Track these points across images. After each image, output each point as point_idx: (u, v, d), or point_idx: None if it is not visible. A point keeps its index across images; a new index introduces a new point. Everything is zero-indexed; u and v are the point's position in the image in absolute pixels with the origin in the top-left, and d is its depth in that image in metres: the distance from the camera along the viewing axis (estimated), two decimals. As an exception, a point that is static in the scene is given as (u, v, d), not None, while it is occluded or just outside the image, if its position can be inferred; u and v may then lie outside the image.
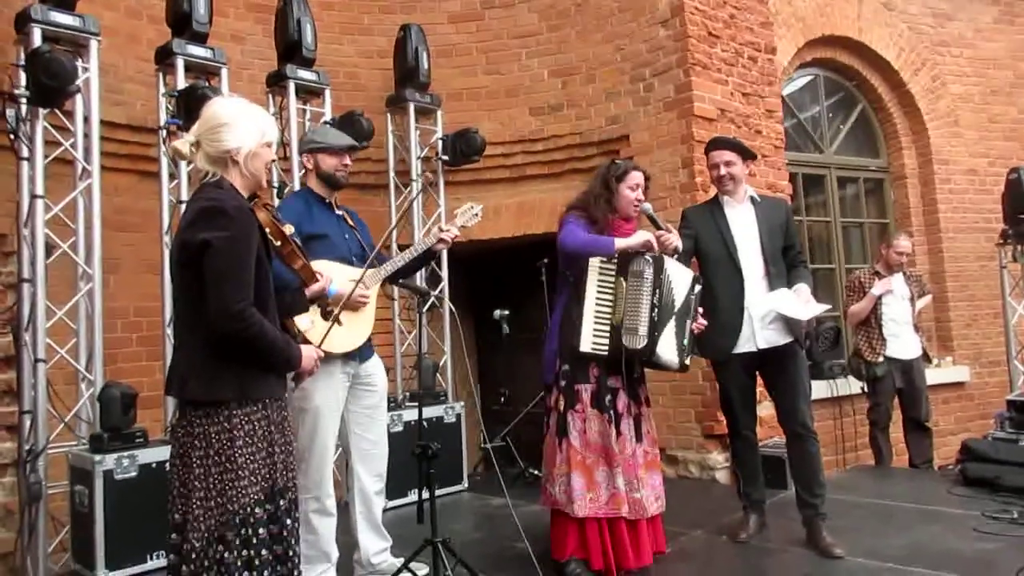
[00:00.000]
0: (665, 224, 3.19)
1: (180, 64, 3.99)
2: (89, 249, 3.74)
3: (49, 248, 3.60)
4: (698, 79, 4.84)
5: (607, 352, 2.98)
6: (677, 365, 3.02)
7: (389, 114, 5.27)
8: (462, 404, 4.97)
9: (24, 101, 3.45)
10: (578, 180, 5.20)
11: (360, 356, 3.03)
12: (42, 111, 3.56)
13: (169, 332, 3.86)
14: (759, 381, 3.54)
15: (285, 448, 2.08)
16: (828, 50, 6.37)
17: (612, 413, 3.00)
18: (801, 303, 3.31)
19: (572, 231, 3.08)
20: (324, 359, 2.35)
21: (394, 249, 4.16)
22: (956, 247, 6.62)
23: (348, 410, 3.05)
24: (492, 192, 5.49)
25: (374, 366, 3.14)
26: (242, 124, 2.06)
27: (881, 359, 4.99)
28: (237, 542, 1.92)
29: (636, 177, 3.17)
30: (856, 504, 4.01)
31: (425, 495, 2.89)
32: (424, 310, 3.26)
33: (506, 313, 4.89)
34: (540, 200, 5.45)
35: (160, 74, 4.10)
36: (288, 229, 2.19)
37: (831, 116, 6.62)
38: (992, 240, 6.05)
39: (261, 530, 1.96)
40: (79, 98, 3.69)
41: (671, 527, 3.38)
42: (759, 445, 3.65)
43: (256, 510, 1.95)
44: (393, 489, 4.01)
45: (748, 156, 3.53)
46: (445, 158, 5.23)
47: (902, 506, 3.96)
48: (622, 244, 3.00)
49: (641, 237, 3.03)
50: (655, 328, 2.93)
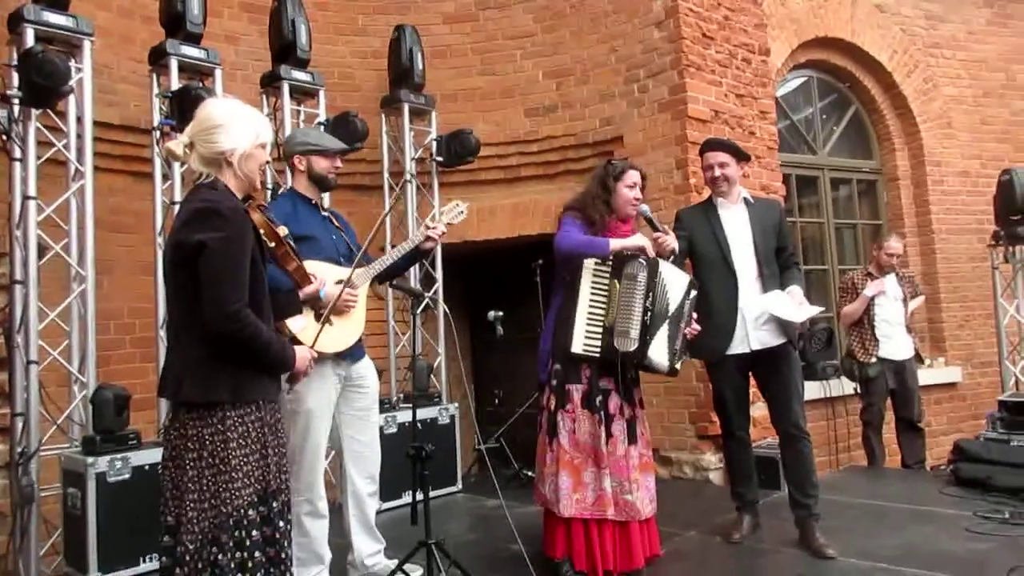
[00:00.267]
0: (662, 226, 3.20)
1: (174, 65, 3.98)
2: (82, 250, 3.73)
3: (42, 249, 3.58)
4: (692, 80, 4.85)
5: (599, 353, 2.98)
6: (667, 369, 3.02)
7: (384, 115, 5.27)
8: (456, 405, 4.97)
9: (17, 101, 3.44)
10: (572, 181, 5.21)
11: (351, 357, 3.03)
12: (35, 112, 3.54)
13: (163, 334, 3.84)
14: (752, 382, 3.55)
15: (278, 450, 2.08)
16: (821, 52, 6.39)
17: (602, 414, 3.01)
18: (795, 305, 3.32)
19: (568, 232, 3.08)
20: (316, 360, 2.35)
21: (388, 250, 4.15)
22: (949, 248, 6.64)
23: (340, 412, 3.04)
24: (487, 193, 5.50)
25: (365, 367, 3.13)
26: (236, 125, 2.05)
27: (874, 360, 5.02)
28: (231, 544, 1.92)
29: (633, 176, 3.17)
30: (849, 504, 4.03)
31: (419, 497, 2.89)
32: (418, 311, 3.26)
33: (500, 314, 4.89)
34: (535, 201, 5.45)
35: (154, 75, 4.09)
36: (282, 231, 2.19)
37: (824, 117, 6.64)
38: (984, 241, 6.08)
39: (255, 532, 1.96)
40: (72, 99, 3.68)
41: (665, 528, 3.39)
42: (752, 446, 3.66)
43: (249, 512, 1.95)
44: (387, 491, 4.02)
45: (742, 158, 3.54)
46: (440, 159, 5.23)
47: (895, 506, 3.98)
48: (617, 245, 3.01)
49: (637, 240, 3.03)
50: (647, 331, 2.94)
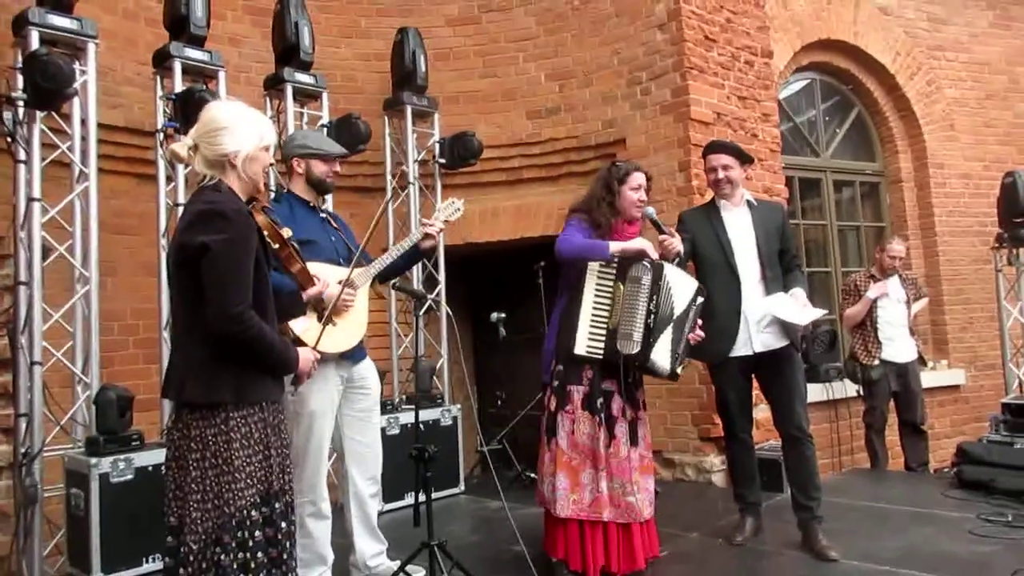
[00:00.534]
0: (668, 228, 3.21)
1: (177, 67, 3.99)
2: (86, 252, 3.74)
3: (46, 251, 3.60)
4: (694, 83, 4.85)
5: (602, 355, 2.98)
6: (668, 372, 3.01)
7: (386, 117, 5.28)
8: (459, 407, 4.97)
9: (21, 104, 3.45)
10: (575, 183, 5.22)
11: (353, 358, 3.03)
12: (39, 114, 3.56)
13: (166, 335, 3.86)
14: (755, 384, 3.55)
15: (281, 451, 2.08)
16: (824, 54, 6.39)
17: (603, 416, 3.01)
18: (798, 307, 3.31)
19: (568, 236, 3.09)
20: (319, 361, 2.35)
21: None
22: (951, 251, 6.64)
23: (342, 413, 3.04)
24: (489, 195, 5.51)
25: (367, 368, 3.13)
26: (240, 128, 2.06)
27: (877, 362, 5.01)
28: (233, 544, 1.92)
29: (638, 178, 3.17)
30: (852, 507, 4.02)
31: (422, 498, 2.90)
32: (421, 313, 3.26)
33: (503, 316, 4.89)
34: (537, 203, 5.46)
35: (157, 77, 4.10)
36: (286, 232, 2.19)
37: (827, 120, 6.64)
38: (987, 244, 6.08)
39: (257, 533, 1.96)
40: (76, 101, 3.69)
41: (667, 529, 3.39)
42: (755, 448, 3.65)
43: (252, 512, 1.96)
44: (390, 492, 4.03)
45: (746, 160, 3.54)
46: (442, 161, 5.24)
47: (897, 509, 3.97)
48: (617, 247, 3.01)
49: (637, 243, 3.03)
50: (650, 334, 2.93)
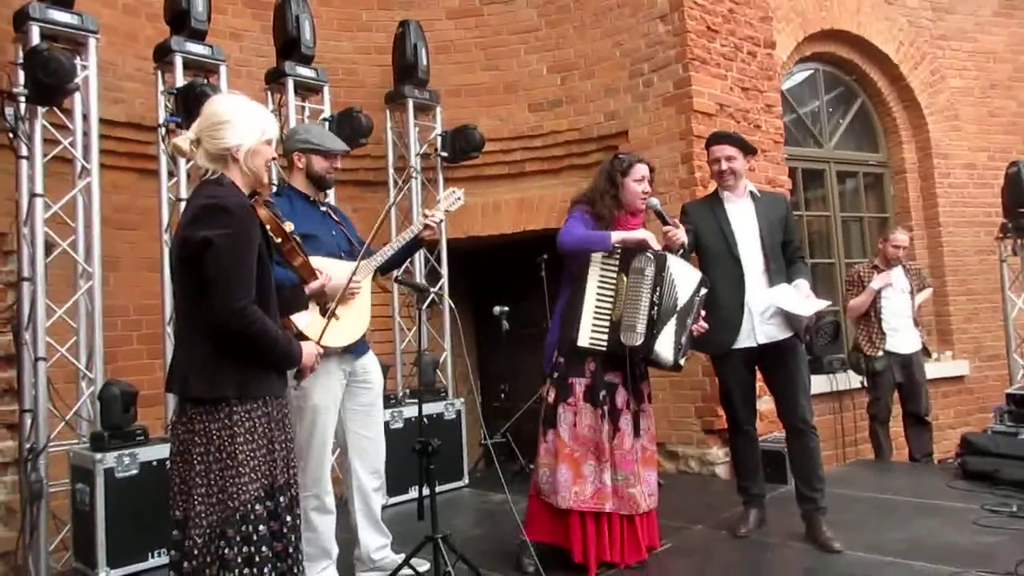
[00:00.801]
0: (672, 219, 3.20)
1: (179, 61, 3.98)
2: (89, 247, 3.74)
3: (49, 246, 3.60)
4: (697, 74, 4.83)
5: (606, 347, 2.98)
6: (671, 364, 3.01)
7: (388, 111, 5.26)
8: (462, 400, 4.98)
9: (23, 99, 3.44)
10: (577, 176, 5.21)
11: (356, 352, 3.03)
12: (41, 109, 3.55)
13: (169, 330, 3.86)
14: (759, 376, 3.54)
15: (286, 445, 2.08)
16: (827, 44, 6.36)
17: (606, 408, 3.01)
18: (802, 298, 3.31)
19: (570, 227, 3.08)
20: (322, 356, 2.35)
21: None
22: (956, 241, 6.62)
23: (345, 407, 3.05)
24: (492, 188, 5.50)
25: (370, 362, 3.13)
26: (243, 122, 2.05)
27: (881, 353, 5.00)
28: (238, 538, 1.93)
29: (642, 170, 3.17)
30: (856, 498, 4.02)
31: (425, 491, 2.90)
32: (424, 307, 3.26)
33: (506, 309, 4.89)
34: (540, 196, 5.45)
35: (159, 72, 4.09)
36: (288, 226, 2.19)
37: (830, 111, 6.61)
38: (992, 234, 6.05)
39: (261, 527, 1.96)
40: (78, 96, 3.69)
41: (671, 522, 3.39)
42: (759, 440, 3.65)
43: (256, 507, 1.96)
44: (393, 486, 4.04)
45: (749, 151, 3.53)
46: (444, 154, 5.23)
47: (902, 500, 3.97)
48: (618, 237, 3.00)
49: (639, 234, 3.03)
50: (653, 326, 2.93)
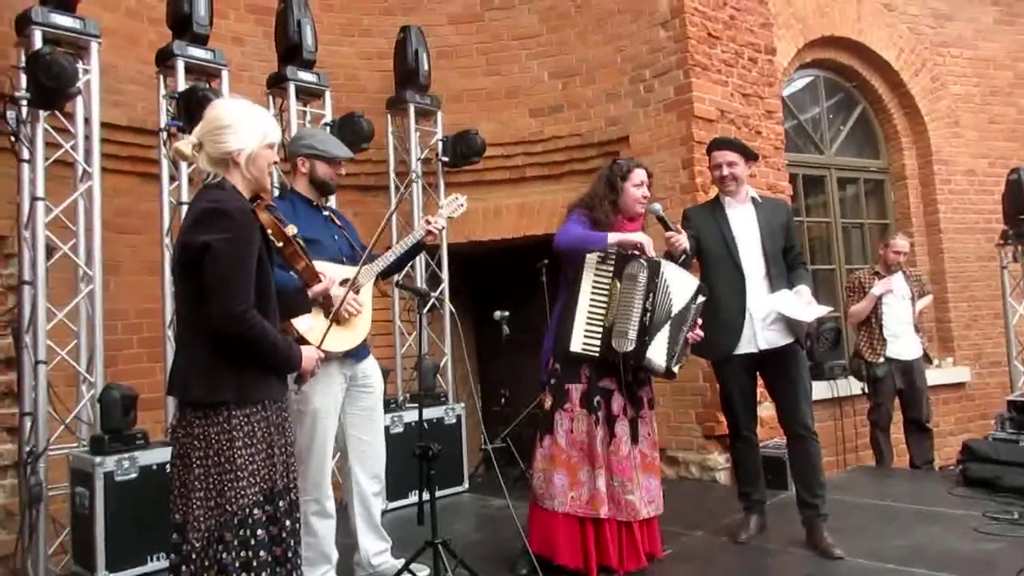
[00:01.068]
0: (675, 225, 3.20)
1: (180, 66, 3.99)
2: (89, 251, 3.74)
3: (50, 250, 3.60)
4: (698, 80, 4.84)
5: (598, 353, 2.98)
6: (664, 371, 3.00)
7: (389, 115, 5.27)
8: (462, 405, 4.97)
9: (25, 103, 3.45)
10: (577, 182, 5.21)
11: (356, 356, 3.03)
12: (43, 113, 3.56)
13: (170, 334, 3.86)
14: (759, 382, 3.54)
15: (285, 450, 2.08)
16: (828, 51, 6.37)
17: (601, 415, 3.00)
18: (803, 304, 3.31)
19: (567, 228, 3.09)
20: (323, 360, 2.35)
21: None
22: (956, 248, 6.62)
23: (345, 412, 3.04)
24: (492, 193, 5.50)
25: (370, 367, 3.13)
26: (244, 126, 2.05)
27: (882, 360, 5.00)
28: (235, 543, 1.92)
29: (640, 175, 3.18)
30: (857, 505, 4.01)
31: (425, 496, 2.89)
32: (424, 311, 3.25)
33: (506, 314, 4.88)
34: (540, 201, 5.45)
35: (160, 76, 4.10)
36: (291, 230, 2.18)
37: (831, 117, 6.62)
38: (992, 241, 6.05)
39: (260, 531, 1.96)
40: (79, 100, 3.69)
41: (671, 528, 3.38)
42: (760, 446, 3.65)
43: (255, 511, 1.95)
44: (393, 490, 4.03)
45: (750, 157, 3.53)
46: (445, 159, 5.24)
47: (903, 507, 3.96)
48: (615, 239, 3.00)
49: (637, 236, 3.03)
50: (645, 333, 2.93)
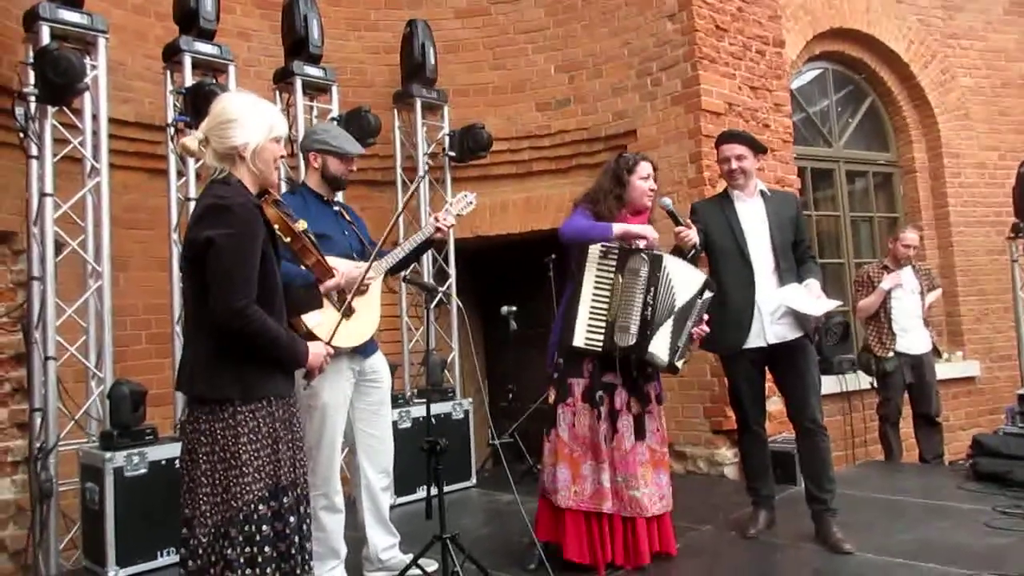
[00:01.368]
0: (685, 220, 3.18)
1: (187, 61, 4.00)
2: (98, 247, 3.76)
3: (59, 246, 3.62)
4: (705, 73, 4.82)
5: (601, 348, 2.97)
6: (666, 365, 2.99)
7: (396, 110, 5.27)
8: (470, 400, 4.97)
9: (33, 99, 3.47)
10: (584, 176, 5.19)
11: (365, 352, 3.03)
12: (51, 109, 3.57)
13: (178, 329, 3.88)
14: (768, 376, 3.52)
15: (292, 445, 2.08)
16: (837, 43, 6.32)
17: (603, 409, 2.99)
18: (812, 298, 3.29)
19: (571, 219, 3.09)
20: (331, 355, 2.34)
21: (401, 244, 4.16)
22: (966, 241, 6.58)
23: (353, 407, 3.05)
24: (499, 188, 5.49)
25: (378, 362, 3.13)
26: (250, 120, 2.05)
27: (891, 354, 4.97)
28: (240, 539, 1.93)
29: (646, 167, 3.17)
30: (866, 499, 3.99)
31: (433, 491, 2.89)
32: (432, 306, 3.25)
33: (514, 309, 4.88)
34: (547, 196, 5.44)
35: (168, 71, 4.11)
36: (301, 225, 2.17)
37: (840, 110, 6.57)
38: (1003, 234, 6.00)
39: (264, 527, 1.96)
40: (87, 96, 3.71)
41: (679, 522, 3.37)
42: (768, 440, 3.63)
43: (260, 507, 1.96)
44: (402, 485, 4.04)
45: (759, 150, 3.51)
46: (452, 154, 5.23)
47: (912, 501, 3.95)
48: (619, 230, 3.00)
49: (641, 227, 3.03)
50: (647, 327, 2.92)
